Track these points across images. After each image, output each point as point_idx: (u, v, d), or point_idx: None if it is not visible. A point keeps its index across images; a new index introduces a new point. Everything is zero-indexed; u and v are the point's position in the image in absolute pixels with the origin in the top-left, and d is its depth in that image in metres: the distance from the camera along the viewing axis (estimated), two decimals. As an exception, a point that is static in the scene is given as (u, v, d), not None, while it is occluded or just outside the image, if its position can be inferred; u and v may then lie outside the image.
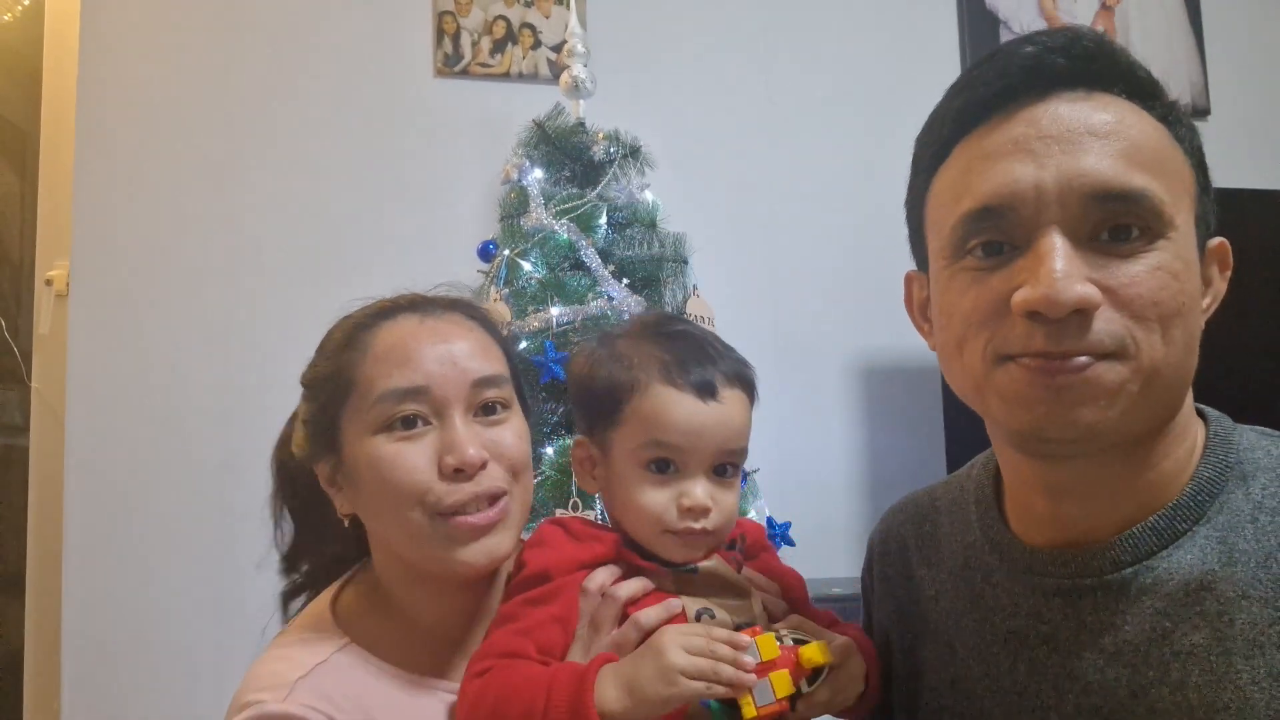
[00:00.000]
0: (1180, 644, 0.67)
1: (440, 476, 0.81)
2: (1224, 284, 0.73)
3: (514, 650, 0.77)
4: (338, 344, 0.87)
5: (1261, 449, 0.72)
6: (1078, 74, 0.68)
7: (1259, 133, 2.63)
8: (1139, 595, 0.69)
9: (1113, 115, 0.67)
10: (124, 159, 2.07)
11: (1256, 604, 0.65)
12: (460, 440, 0.81)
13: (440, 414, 0.83)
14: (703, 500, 0.82)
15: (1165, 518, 0.70)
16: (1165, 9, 2.63)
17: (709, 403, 0.82)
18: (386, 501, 0.82)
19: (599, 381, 0.85)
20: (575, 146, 1.87)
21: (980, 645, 0.79)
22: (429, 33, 2.24)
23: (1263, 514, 0.68)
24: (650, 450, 0.82)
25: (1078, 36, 0.69)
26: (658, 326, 0.89)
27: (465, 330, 0.87)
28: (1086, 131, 0.66)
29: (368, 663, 0.83)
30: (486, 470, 0.83)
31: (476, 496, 0.82)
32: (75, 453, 2.00)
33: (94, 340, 2.02)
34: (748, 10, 2.41)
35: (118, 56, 2.09)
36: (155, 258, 2.06)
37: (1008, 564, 0.78)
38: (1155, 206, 0.64)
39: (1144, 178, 0.65)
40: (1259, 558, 0.66)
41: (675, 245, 1.86)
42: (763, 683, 0.74)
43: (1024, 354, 0.65)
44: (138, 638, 1.97)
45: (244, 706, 0.77)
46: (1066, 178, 0.65)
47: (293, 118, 2.15)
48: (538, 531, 0.86)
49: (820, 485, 2.23)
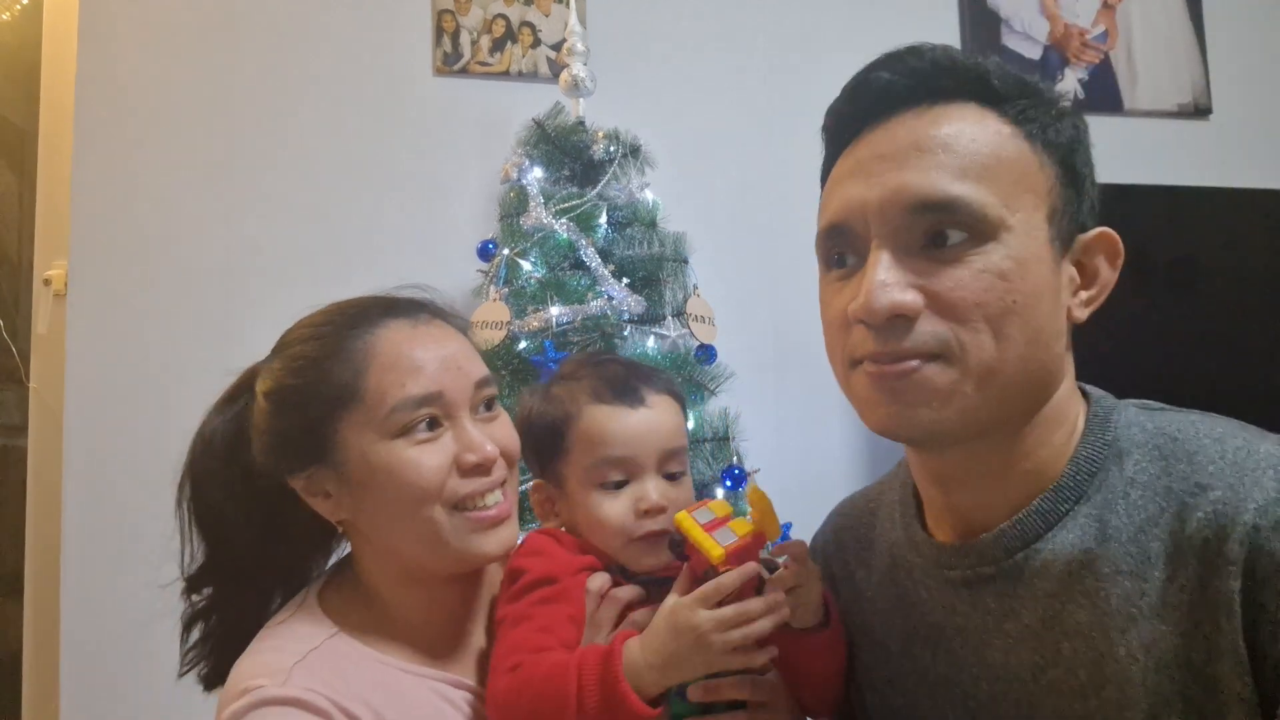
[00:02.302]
0: (1068, 623, 0.70)
1: (459, 473, 0.85)
2: (1113, 273, 0.75)
3: (540, 646, 0.81)
4: (317, 354, 0.87)
5: (1138, 424, 0.74)
6: (920, 91, 0.73)
7: (1261, 132, 2.63)
8: (1031, 579, 0.72)
9: (946, 128, 0.71)
10: (122, 158, 2.06)
11: (1128, 578, 0.67)
12: (478, 439, 0.86)
13: (451, 416, 0.87)
14: (657, 500, 0.87)
15: (1048, 499, 0.72)
16: (1167, 8, 2.62)
17: (639, 409, 0.89)
18: (406, 504, 0.84)
19: (539, 424, 0.93)
20: (575, 145, 1.87)
21: (907, 641, 0.83)
22: (428, 31, 2.23)
23: (1134, 489, 0.70)
24: (599, 469, 0.89)
25: (919, 55, 0.74)
26: (583, 363, 0.97)
27: (451, 334, 0.91)
28: (913, 147, 0.70)
29: (358, 649, 0.85)
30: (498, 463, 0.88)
31: (491, 486, 0.87)
32: (73, 453, 1.99)
33: (92, 340, 2.01)
34: (748, 9, 2.41)
35: (116, 55, 2.09)
36: (154, 257, 2.05)
37: (924, 560, 0.82)
38: (976, 211, 0.68)
39: (965, 185, 0.68)
40: (1130, 532, 0.69)
41: (675, 245, 1.86)
42: (723, 530, 0.80)
43: (864, 358, 0.71)
44: (136, 639, 1.96)
45: (242, 693, 0.77)
46: (889, 194, 0.70)
47: (291, 116, 2.15)
48: (530, 541, 0.91)
49: (820, 485, 2.22)
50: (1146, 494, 0.69)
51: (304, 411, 0.86)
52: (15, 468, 2.23)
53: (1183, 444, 0.71)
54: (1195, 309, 2.31)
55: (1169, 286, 2.33)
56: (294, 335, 0.92)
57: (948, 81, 0.72)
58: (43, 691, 2.08)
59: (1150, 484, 0.70)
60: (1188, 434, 0.71)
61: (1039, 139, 0.72)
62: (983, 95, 0.72)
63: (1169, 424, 0.73)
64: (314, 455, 0.86)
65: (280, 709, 0.76)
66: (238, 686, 0.79)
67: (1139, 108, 2.57)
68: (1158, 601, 0.66)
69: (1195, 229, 2.36)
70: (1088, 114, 0.76)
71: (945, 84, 0.72)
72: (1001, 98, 0.72)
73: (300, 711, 0.76)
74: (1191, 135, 2.61)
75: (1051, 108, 0.73)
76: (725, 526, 0.80)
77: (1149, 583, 0.66)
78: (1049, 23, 2.55)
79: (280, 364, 0.90)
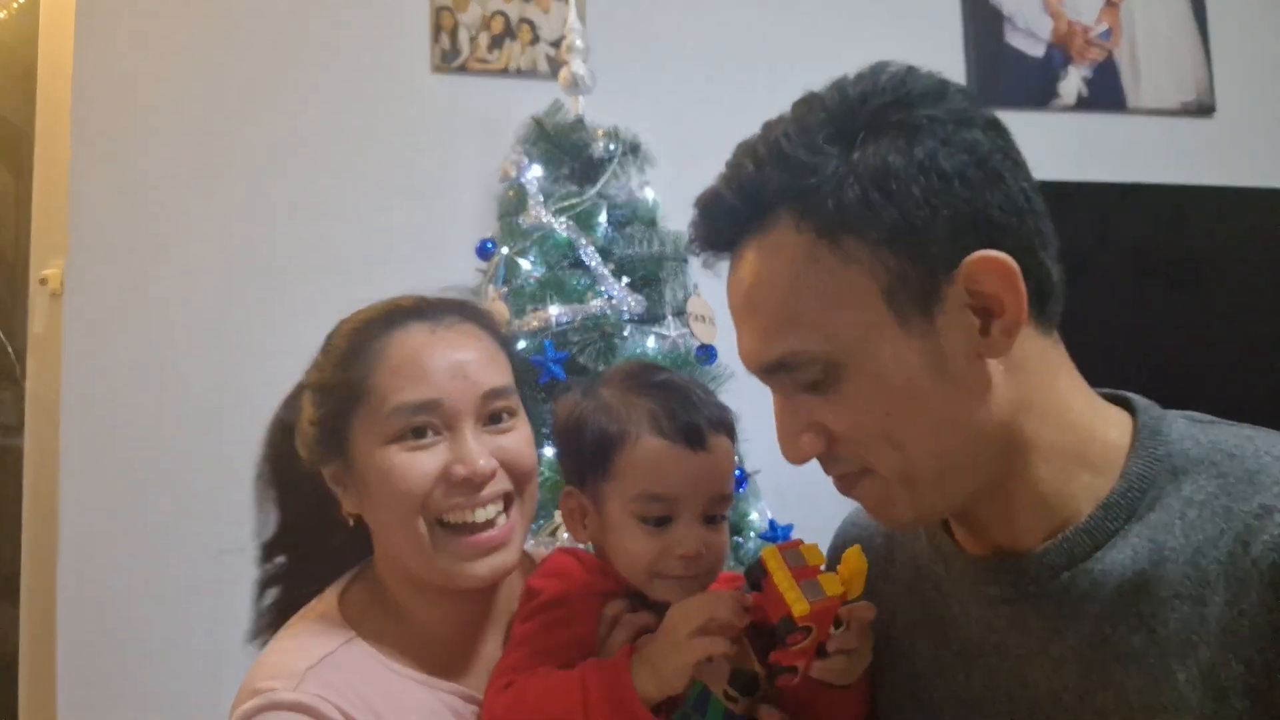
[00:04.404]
0: (1120, 647, 0.66)
1: (446, 485, 0.84)
2: (1014, 290, 0.65)
3: (534, 666, 0.80)
4: (345, 351, 0.89)
5: (1191, 438, 0.70)
6: (729, 234, 0.72)
7: (1264, 131, 2.62)
8: (1079, 600, 0.69)
9: (750, 280, 0.70)
10: (119, 157, 2.06)
11: (1187, 603, 0.64)
12: (470, 452, 0.84)
13: (451, 425, 0.85)
14: (696, 549, 0.84)
15: (1096, 517, 0.69)
16: (1170, 6, 2.61)
17: (699, 452, 0.85)
18: (393, 510, 0.84)
19: (588, 433, 0.88)
20: (574, 143, 1.86)
21: (935, 658, 0.79)
22: (426, 28, 2.22)
23: (1190, 509, 0.67)
24: (644, 503, 0.85)
25: (716, 199, 0.72)
26: (641, 377, 0.92)
27: (474, 340, 0.89)
28: (739, 307, 0.72)
29: (373, 657, 0.85)
30: (494, 478, 0.85)
31: (480, 501, 0.85)
32: (70, 452, 1.98)
33: (89, 340, 2.00)
34: (749, 7, 2.40)
35: (113, 54, 2.08)
36: (150, 257, 2.04)
37: (954, 574, 0.78)
38: (806, 358, 0.67)
39: (784, 342, 0.68)
40: (1188, 554, 0.65)
41: (675, 244, 1.85)
42: (811, 582, 0.73)
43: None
44: (133, 639, 1.95)
45: (255, 692, 0.79)
46: (746, 359, 0.72)
47: (289, 115, 2.14)
48: (551, 561, 0.90)
49: (821, 487, 2.20)
50: (1204, 514, 0.66)
51: (327, 406, 0.88)
52: (11, 467, 2.23)
53: (1241, 461, 0.67)
54: (1198, 308, 2.30)
55: (1171, 285, 2.32)
56: (336, 330, 0.93)
57: (748, 210, 0.70)
58: (40, 693, 2.07)
59: (1208, 503, 0.66)
60: (1246, 451, 0.67)
61: (832, 227, 0.65)
62: (794, 197, 0.67)
63: (1224, 439, 0.69)
64: (334, 450, 0.88)
65: (289, 714, 0.77)
66: (251, 685, 0.80)
67: (1142, 106, 2.56)
68: (1218, 628, 0.63)
69: (1198, 228, 2.35)
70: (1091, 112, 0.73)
71: (747, 213, 0.70)
72: (806, 193, 0.66)
73: (307, 718, 0.77)
74: (1195, 134, 2.60)
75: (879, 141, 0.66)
76: (815, 579, 0.74)
77: (1209, 607, 0.63)
78: (1052, 20, 2.54)
79: (319, 358, 0.92)
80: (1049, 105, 2.50)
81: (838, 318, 0.66)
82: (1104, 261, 2.18)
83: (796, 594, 0.72)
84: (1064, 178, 0.66)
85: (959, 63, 2.48)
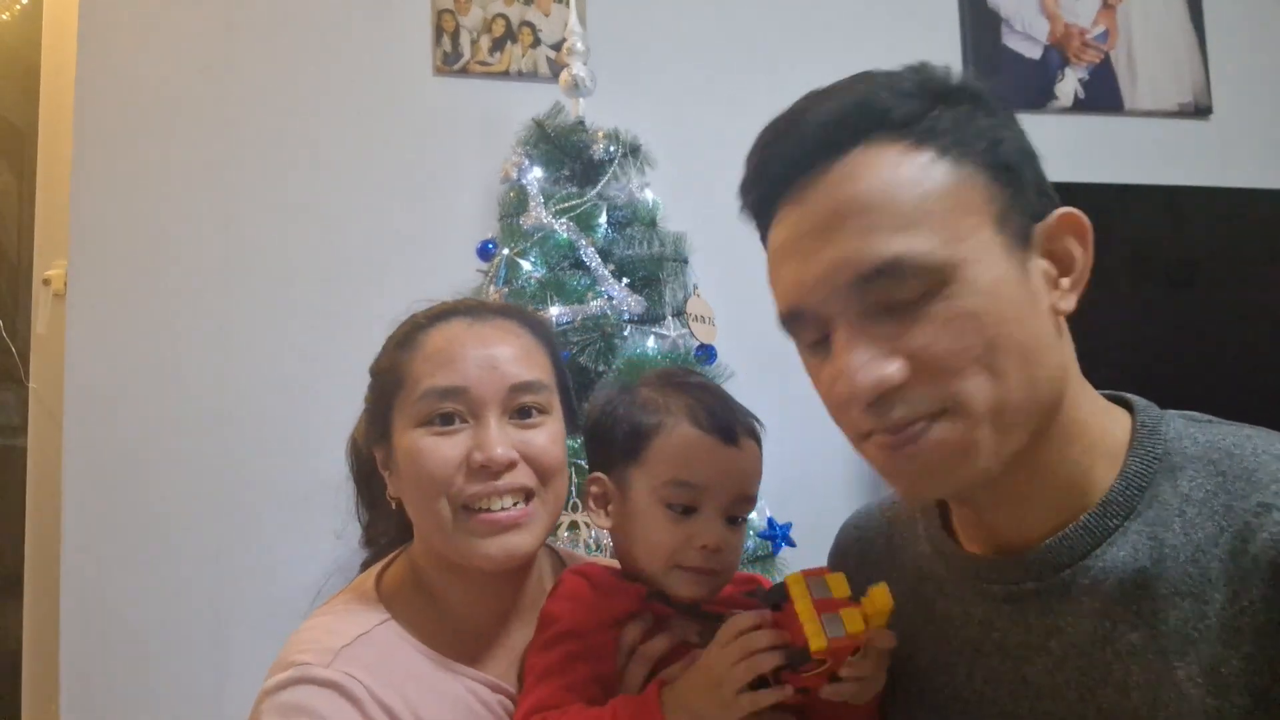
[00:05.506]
0: (1120, 644, 0.67)
1: (467, 471, 0.86)
2: (1086, 252, 0.70)
3: (563, 703, 0.81)
4: (396, 341, 0.94)
5: (1189, 437, 0.71)
6: (819, 152, 0.68)
7: (1261, 132, 2.62)
8: (1080, 596, 0.69)
9: (861, 184, 0.66)
10: (122, 158, 2.06)
11: (1187, 600, 0.65)
12: (490, 439, 0.86)
13: (476, 414, 0.88)
14: (717, 542, 0.85)
15: (1096, 515, 0.70)
16: (1167, 7, 2.62)
17: (730, 447, 0.87)
18: (419, 491, 0.88)
19: (622, 422, 0.90)
20: (575, 145, 1.87)
21: (938, 657, 0.80)
22: (428, 31, 2.23)
23: (1190, 506, 0.67)
24: (673, 489, 0.86)
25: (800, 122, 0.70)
26: (679, 377, 0.95)
27: (512, 336, 0.92)
28: (834, 216, 0.66)
29: (404, 640, 0.88)
30: (514, 470, 0.88)
31: (498, 491, 0.87)
32: (73, 453, 1.99)
33: (92, 340, 2.01)
34: (748, 8, 2.40)
35: (116, 55, 2.09)
36: (153, 257, 2.05)
37: (955, 573, 0.79)
38: (923, 262, 0.64)
39: (900, 240, 0.64)
40: (1187, 552, 0.66)
41: (675, 244, 1.86)
42: (833, 616, 0.72)
43: (870, 432, 0.68)
44: (136, 638, 1.96)
45: (289, 665, 0.82)
46: (828, 272, 0.66)
47: (291, 116, 2.14)
48: (565, 584, 0.90)
49: (821, 486, 2.22)
50: (1203, 512, 0.67)
51: (375, 392, 0.94)
52: (14, 468, 2.23)
53: (1239, 460, 0.67)
54: (1195, 309, 2.31)
55: (1169, 286, 2.33)
56: (399, 326, 0.98)
57: (842, 133, 0.68)
58: (42, 692, 2.08)
59: (1206, 501, 0.67)
60: (1244, 450, 0.68)
61: (957, 150, 0.67)
62: (885, 126, 0.67)
63: (1222, 438, 0.70)
64: (381, 434, 0.93)
65: (319, 689, 0.80)
66: (286, 658, 0.83)
67: (1139, 107, 2.57)
68: (1219, 624, 0.63)
69: (1195, 229, 2.36)
70: (1088, 113, 0.74)
71: (841, 136, 0.68)
72: (904, 122, 0.67)
73: (336, 695, 0.80)
74: (1192, 135, 2.61)
75: (957, 109, 0.68)
76: (837, 614, 0.72)
77: (1209, 605, 0.64)
78: (1049, 22, 2.55)
79: (381, 349, 0.97)
80: (1046, 107, 2.51)
81: (958, 222, 0.65)
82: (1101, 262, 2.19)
83: (816, 628, 0.70)
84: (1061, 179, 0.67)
85: (957, 64, 2.45)
